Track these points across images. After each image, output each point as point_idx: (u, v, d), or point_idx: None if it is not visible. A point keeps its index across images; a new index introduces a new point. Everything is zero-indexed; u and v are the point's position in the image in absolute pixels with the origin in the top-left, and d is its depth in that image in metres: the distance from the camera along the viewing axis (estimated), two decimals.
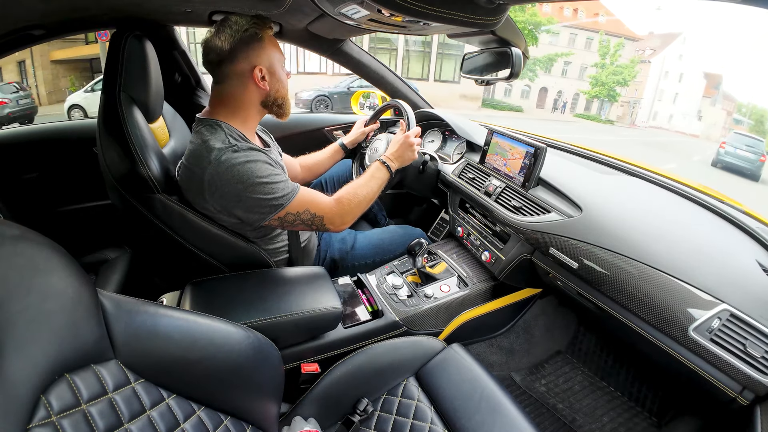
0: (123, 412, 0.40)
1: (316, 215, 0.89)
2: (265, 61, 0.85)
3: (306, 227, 0.91)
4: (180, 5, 0.94)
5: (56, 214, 1.40)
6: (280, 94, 0.91)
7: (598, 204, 0.87)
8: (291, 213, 0.86)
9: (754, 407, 0.62)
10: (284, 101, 0.93)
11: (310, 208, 0.88)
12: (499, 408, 0.70)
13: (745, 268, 0.71)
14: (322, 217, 0.90)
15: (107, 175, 0.83)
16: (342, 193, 0.94)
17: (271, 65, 0.87)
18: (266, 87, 0.87)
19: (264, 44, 0.85)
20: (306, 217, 0.88)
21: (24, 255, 0.37)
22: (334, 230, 0.95)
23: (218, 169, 0.80)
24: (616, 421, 1.03)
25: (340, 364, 0.79)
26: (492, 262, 1.12)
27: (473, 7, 0.71)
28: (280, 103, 0.92)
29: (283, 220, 0.86)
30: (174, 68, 1.33)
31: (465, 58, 1.17)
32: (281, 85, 0.90)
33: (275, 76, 0.88)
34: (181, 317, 0.52)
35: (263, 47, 0.85)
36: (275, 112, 0.94)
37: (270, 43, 0.86)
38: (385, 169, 1.02)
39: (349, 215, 0.94)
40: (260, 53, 0.85)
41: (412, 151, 1.07)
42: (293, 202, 0.86)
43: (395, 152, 1.05)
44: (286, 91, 0.92)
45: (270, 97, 0.90)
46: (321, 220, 0.90)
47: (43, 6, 0.83)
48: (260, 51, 0.85)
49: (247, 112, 0.90)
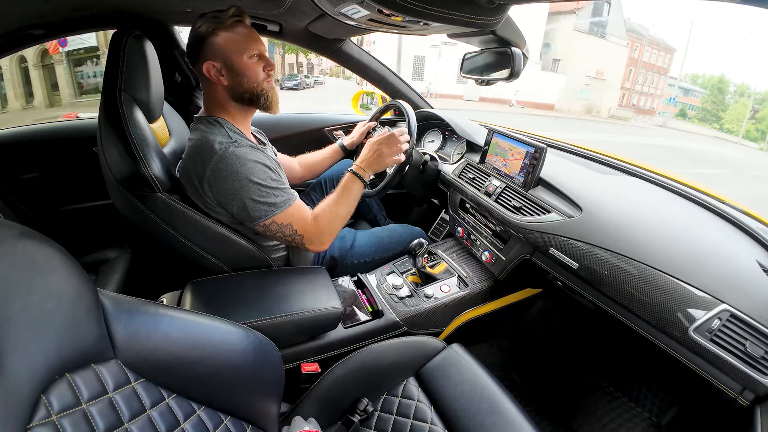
0: (123, 412, 0.40)
1: (297, 233, 0.89)
2: (217, 56, 0.83)
3: (285, 242, 0.92)
4: (180, 5, 0.94)
5: (56, 213, 1.40)
6: (246, 87, 0.87)
7: (598, 204, 0.87)
8: (276, 223, 0.86)
9: (754, 407, 0.62)
10: (254, 93, 0.88)
11: (294, 224, 0.88)
12: (499, 408, 0.69)
13: (745, 269, 0.71)
14: (303, 236, 0.90)
15: (108, 174, 0.83)
16: (318, 212, 0.93)
17: (227, 58, 0.84)
18: (224, 82, 0.85)
19: (218, 39, 0.83)
20: (288, 232, 0.88)
21: (24, 254, 0.37)
22: (313, 250, 0.94)
23: (219, 164, 0.81)
24: (616, 421, 1.03)
25: (340, 364, 0.79)
26: (492, 263, 1.12)
27: (473, 7, 0.71)
28: (248, 97, 0.88)
29: (267, 228, 0.87)
30: (174, 68, 1.33)
31: (465, 58, 1.17)
32: (244, 78, 0.86)
33: (234, 69, 0.85)
34: (181, 317, 0.52)
35: (217, 42, 0.83)
36: (255, 105, 0.91)
37: (228, 35, 0.83)
38: (358, 180, 0.99)
39: (327, 235, 0.93)
40: (213, 49, 0.83)
41: (383, 158, 1.02)
42: (283, 212, 0.86)
43: (367, 158, 1.01)
44: (255, 82, 0.87)
45: (235, 91, 0.87)
46: (301, 239, 0.90)
47: (44, 6, 0.83)
48: (213, 46, 0.83)
49: (226, 108, 0.89)
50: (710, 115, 38.19)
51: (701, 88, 41.63)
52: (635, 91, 29.45)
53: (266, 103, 0.90)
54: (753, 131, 37.44)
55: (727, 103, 34.41)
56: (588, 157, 1.26)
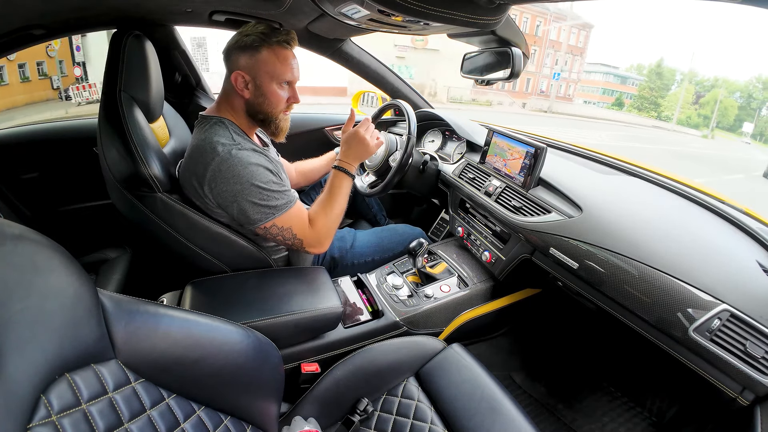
0: (123, 412, 0.40)
1: (297, 236, 0.89)
2: (251, 71, 0.84)
3: (285, 244, 0.92)
4: (180, 5, 0.93)
5: (56, 213, 1.40)
6: (264, 109, 0.88)
7: (598, 204, 0.87)
8: (276, 226, 0.87)
9: (754, 407, 0.62)
10: (268, 118, 0.89)
11: (293, 227, 0.89)
12: (499, 408, 0.69)
13: (745, 269, 0.71)
14: (302, 240, 0.90)
15: (108, 174, 0.83)
16: (313, 216, 0.93)
17: (258, 77, 0.85)
18: (247, 95, 0.86)
19: (259, 56, 0.84)
20: (287, 236, 0.89)
21: (24, 254, 0.37)
22: (313, 252, 0.95)
23: (221, 166, 0.81)
24: (616, 421, 1.03)
25: (340, 364, 0.79)
26: (492, 262, 1.12)
27: (473, 7, 0.71)
28: (262, 118, 0.89)
29: (267, 231, 0.87)
30: (174, 68, 1.33)
31: (465, 58, 1.17)
32: (267, 101, 0.87)
33: (260, 90, 0.86)
34: (181, 317, 0.52)
35: (257, 58, 0.84)
36: (264, 128, 0.92)
37: (269, 57, 0.84)
38: (344, 175, 0.98)
39: (326, 238, 0.94)
40: (250, 62, 0.84)
41: (367, 145, 1.01)
42: (283, 215, 0.86)
43: (347, 151, 1.01)
44: (275, 110, 0.89)
45: (252, 108, 0.88)
46: (300, 243, 0.91)
47: (44, 5, 0.83)
48: (251, 60, 0.84)
49: (236, 114, 0.89)
50: (648, 103, 36.71)
51: (639, 75, 39.48)
52: (542, 75, 26.20)
53: (275, 130, 0.92)
54: (694, 117, 36.30)
55: (667, 88, 32.89)
56: (588, 157, 1.26)
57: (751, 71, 68.01)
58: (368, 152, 1.02)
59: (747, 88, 38.64)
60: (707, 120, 34.31)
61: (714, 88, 38.03)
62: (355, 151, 1.01)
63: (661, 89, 36.25)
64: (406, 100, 1.42)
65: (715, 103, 33.38)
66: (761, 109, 37.21)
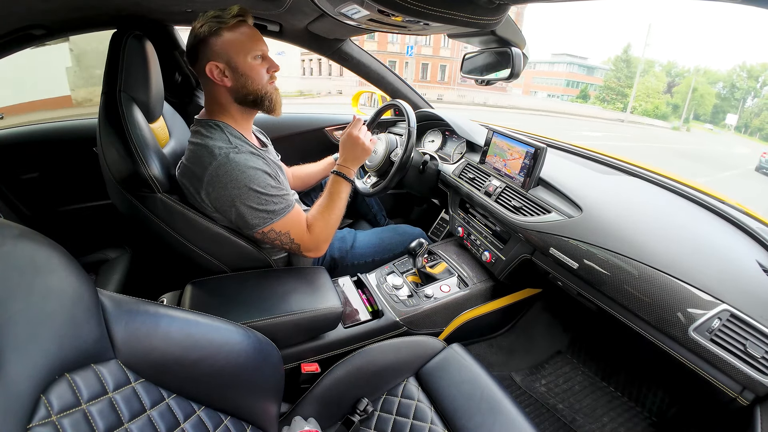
0: (123, 412, 0.40)
1: (294, 241, 0.89)
2: (221, 57, 0.81)
3: (282, 248, 0.92)
4: (180, 5, 0.93)
5: (56, 213, 1.40)
6: (250, 89, 0.85)
7: (598, 204, 0.87)
8: (275, 231, 0.86)
9: (754, 407, 0.62)
10: (257, 95, 0.86)
11: (291, 232, 0.88)
12: (499, 408, 0.70)
13: (745, 269, 0.71)
14: (300, 245, 0.90)
15: (108, 174, 0.83)
16: (311, 220, 0.92)
17: (231, 59, 0.82)
18: (227, 83, 0.83)
19: (221, 39, 0.81)
20: (285, 240, 0.89)
21: (24, 255, 0.37)
22: (310, 257, 0.95)
23: (218, 171, 0.80)
24: (616, 421, 1.03)
25: (340, 364, 0.79)
26: (492, 262, 1.12)
27: (473, 7, 0.71)
28: (252, 99, 0.86)
29: (265, 235, 0.87)
30: (174, 68, 1.33)
31: (465, 58, 1.17)
32: (248, 79, 0.84)
33: (238, 71, 0.82)
34: (181, 317, 0.52)
35: (221, 42, 0.81)
36: (259, 108, 0.89)
37: (231, 36, 0.81)
38: (343, 180, 0.98)
39: (323, 242, 0.94)
40: (216, 49, 0.81)
41: (362, 146, 1.01)
42: (281, 220, 0.86)
43: (345, 155, 1.00)
44: (259, 84, 0.85)
45: (239, 93, 0.85)
46: (298, 247, 0.91)
47: (44, 5, 0.83)
48: (216, 46, 0.81)
49: (228, 110, 0.88)
50: (614, 94, 34.38)
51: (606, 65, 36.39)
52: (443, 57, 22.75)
53: (270, 105, 0.89)
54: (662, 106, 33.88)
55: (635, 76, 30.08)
56: (588, 157, 1.26)
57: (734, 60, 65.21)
58: (365, 152, 1.02)
59: (730, 77, 36.67)
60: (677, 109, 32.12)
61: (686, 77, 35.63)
62: (352, 154, 1.01)
63: (628, 78, 33.41)
64: (406, 100, 1.42)
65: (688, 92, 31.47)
66: (746, 99, 35.33)
